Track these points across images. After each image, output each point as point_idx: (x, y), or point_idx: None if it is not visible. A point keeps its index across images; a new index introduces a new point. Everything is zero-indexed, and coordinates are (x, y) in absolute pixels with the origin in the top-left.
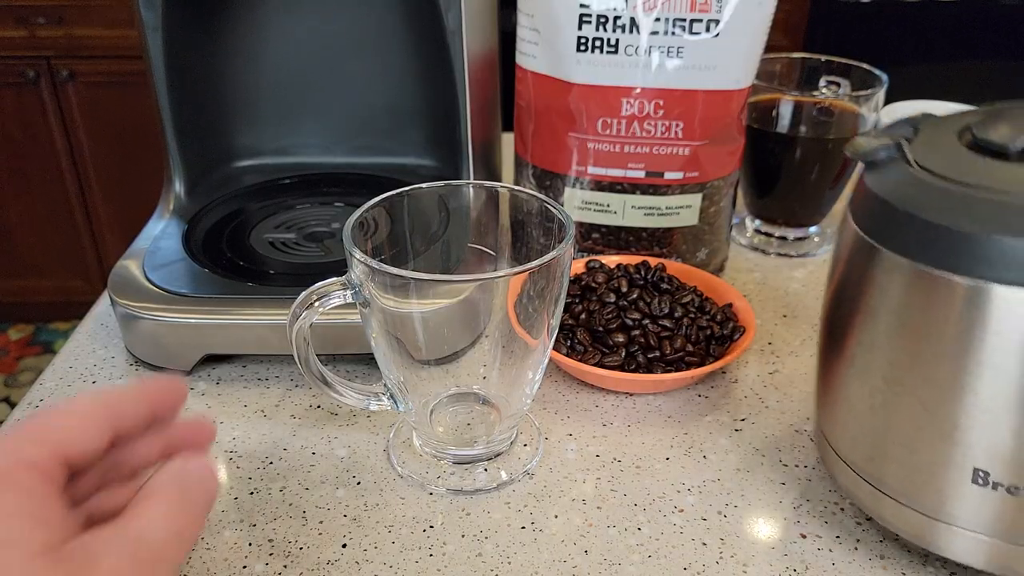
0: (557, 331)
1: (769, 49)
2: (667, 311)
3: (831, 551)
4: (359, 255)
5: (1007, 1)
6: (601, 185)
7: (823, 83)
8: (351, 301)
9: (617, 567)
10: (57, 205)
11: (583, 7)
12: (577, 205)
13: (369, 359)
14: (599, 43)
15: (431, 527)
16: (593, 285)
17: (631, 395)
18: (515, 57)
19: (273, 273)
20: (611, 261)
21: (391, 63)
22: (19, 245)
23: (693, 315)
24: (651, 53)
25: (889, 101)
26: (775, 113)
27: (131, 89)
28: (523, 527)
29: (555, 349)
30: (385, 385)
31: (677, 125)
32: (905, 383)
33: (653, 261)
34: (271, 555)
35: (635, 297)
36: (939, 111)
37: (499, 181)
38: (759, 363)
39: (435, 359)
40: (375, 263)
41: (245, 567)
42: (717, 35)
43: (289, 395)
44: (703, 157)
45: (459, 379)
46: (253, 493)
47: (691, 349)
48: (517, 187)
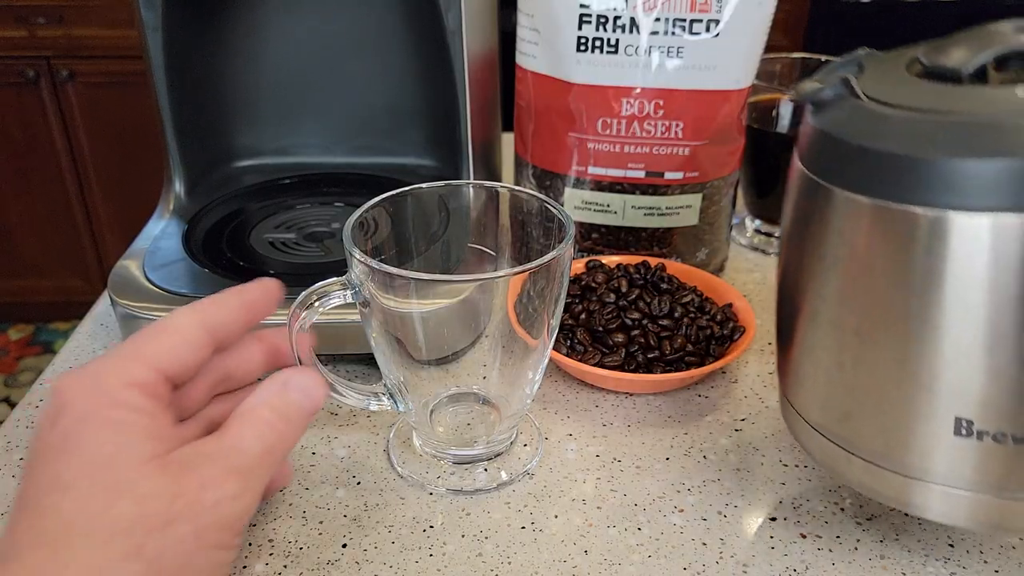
0: (557, 331)
1: (769, 49)
2: (667, 311)
3: (831, 551)
4: (359, 255)
5: (1008, 1)
6: (601, 185)
7: None
8: (351, 301)
9: (617, 567)
10: (57, 205)
11: (583, 7)
12: (577, 205)
13: (369, 359)
14: (599, 43)
15: (431, 527)
16: (593, 285)
17: (631, 395)
18: (515, 57)
19: (273, 273)
20: (611, 261)
21: (391, 63)
22: (19, 245)
23: (693, 315)
24: (651, 53)
25: None
26: (775, 113)
27: (131, 89)
28: (523, 527)
29: (555, 349)
30: (385, 385)
31: (677, 125)
32: (873, 333)
33: (653, 261)
34: (271, 555)
35: (635, 297)
36: None
37: (499, 181)
38: (759, 363)
39: (435, 359)
40: (375, 263)
41: (245, 567)
42: (717, 35)
43: None
44: (703, 157)
45: (459, 379)
46: None
47: (691, 349)
48: (517, 187)
